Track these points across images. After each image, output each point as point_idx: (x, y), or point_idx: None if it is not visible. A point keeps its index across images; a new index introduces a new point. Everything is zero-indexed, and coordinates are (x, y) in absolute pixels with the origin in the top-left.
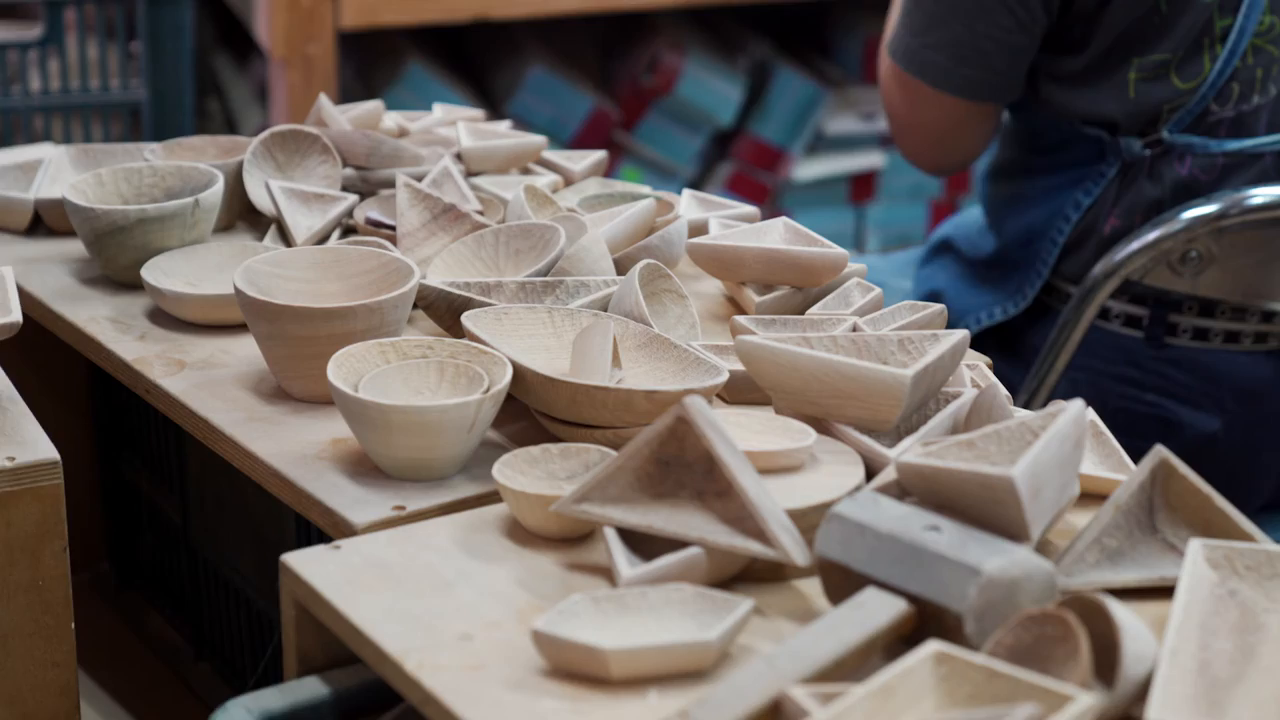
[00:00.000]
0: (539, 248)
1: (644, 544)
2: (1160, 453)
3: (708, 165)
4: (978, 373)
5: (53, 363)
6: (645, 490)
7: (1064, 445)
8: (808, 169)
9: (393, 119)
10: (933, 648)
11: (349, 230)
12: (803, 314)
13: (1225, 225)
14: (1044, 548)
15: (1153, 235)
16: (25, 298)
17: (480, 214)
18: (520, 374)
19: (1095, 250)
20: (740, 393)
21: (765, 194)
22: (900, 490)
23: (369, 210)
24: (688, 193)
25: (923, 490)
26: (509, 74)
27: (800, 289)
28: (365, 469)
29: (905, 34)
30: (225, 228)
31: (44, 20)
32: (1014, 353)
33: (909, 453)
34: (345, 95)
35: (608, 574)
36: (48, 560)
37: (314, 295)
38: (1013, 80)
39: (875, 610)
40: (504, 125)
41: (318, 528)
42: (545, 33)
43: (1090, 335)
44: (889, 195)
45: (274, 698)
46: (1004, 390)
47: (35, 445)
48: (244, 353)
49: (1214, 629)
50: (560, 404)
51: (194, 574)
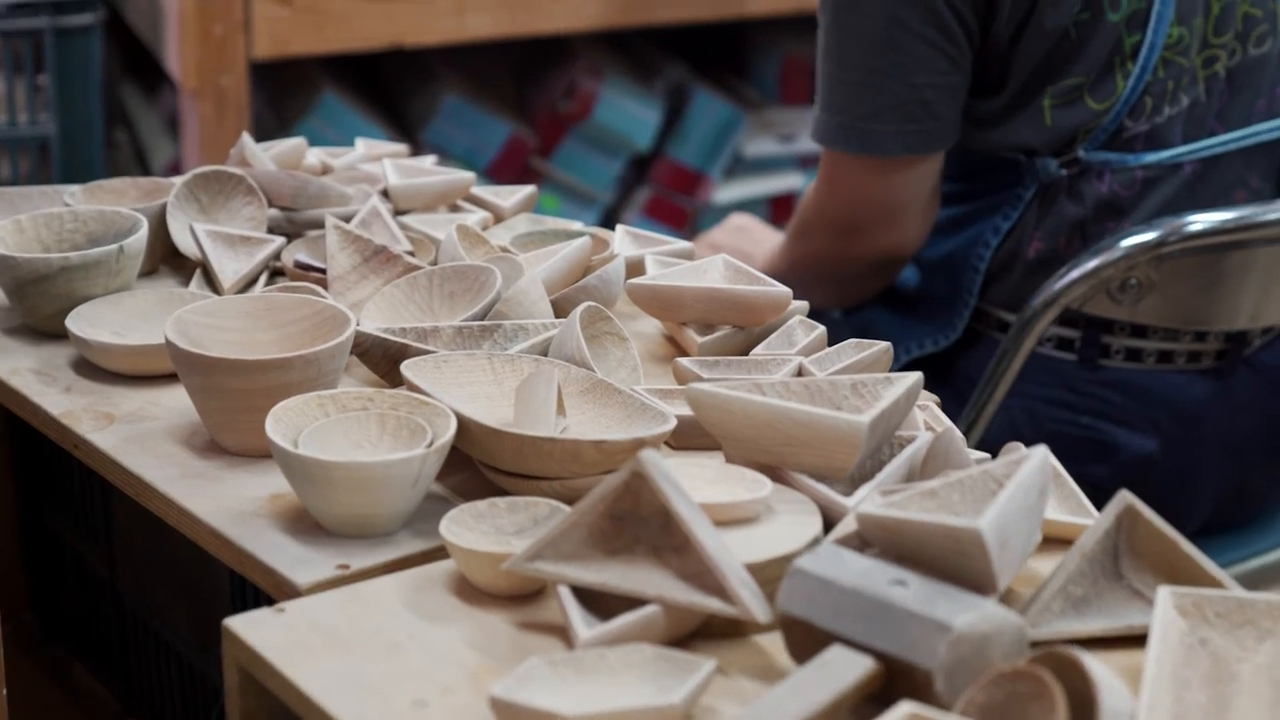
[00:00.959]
0: (474, 290)
1: (599, 600)
2: (1125, 498)
3: (626, 190)
4: (929, 414)
5: None
6: (599, 546)
7: (1029, 494)
8: (727, 192)
9: (315, 156)
10: (906, 709)
11: (276, 273)
12: (746, 354)
13: (1164, 253)
14: (1008, 596)
15: (1092, 264)
16: None
17: (411, 255)
18: (464, 425)
19: (1022, 275)
20: (687, 438)
21: (684, 218)
22: (861, 542)
23: (297, 253)
24: (621, 228)
25: (885, 542)
26: (424, 102)
27: (742, 328)
28: (306, 526)
29: (836, 118)
30: (149, 272)
31: None
32: (946, 381)
33: (868, 502)
34: (258, 126)
35: (562, 633)
36: None
37: (247, 345)
38: (956, 121)
39: (842, 669)
40: (429, 160)
41: (253, 583)
42: (460, 60)
43: None
44: None
45: None
46: (959, 433)
47: None
48: (175, 404)
49: (1187, 680)
50: (505, 456)
51: (122, 627)
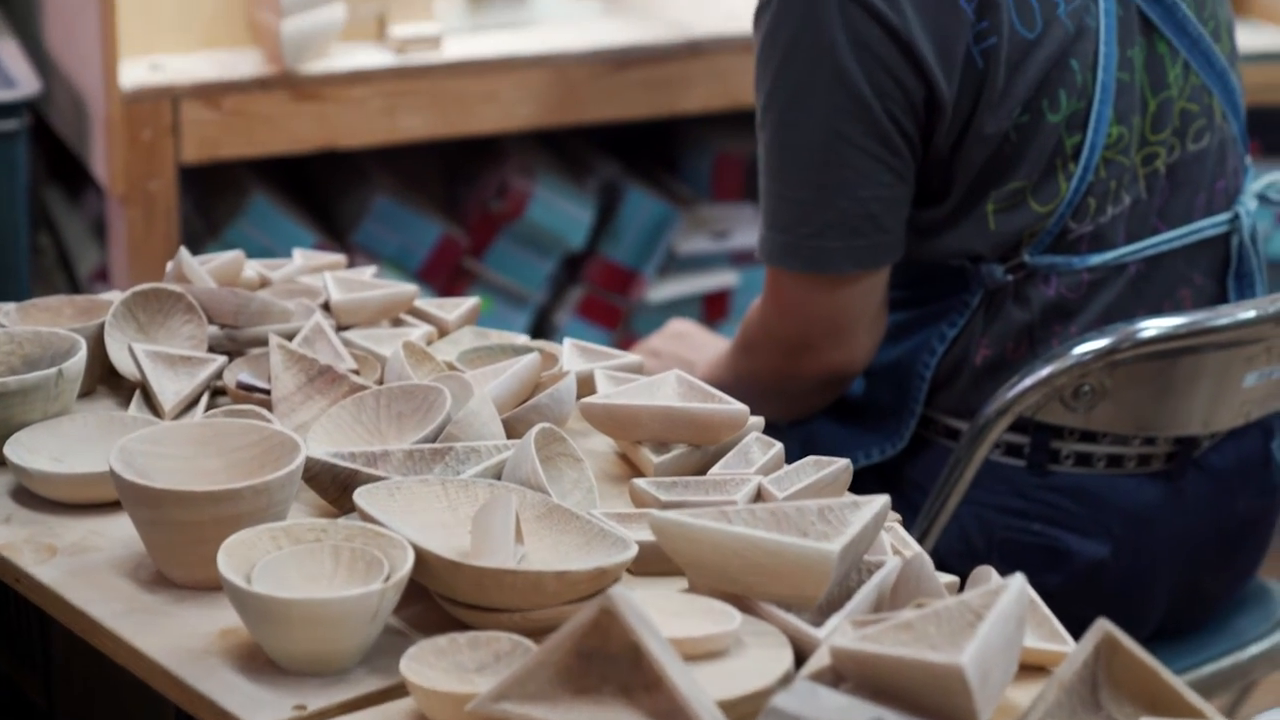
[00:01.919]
0: (423, 410)
1: None
2: (1104, 627)
3: (559, 289)
4: (894, 535)
5: None
6: (567, 686)
7: (1008, 626)
8: (660, 290)
9: (253, 268)
10: None
11: (218, 392)
12: (703, 473)
13: (1118, 359)
14: None
15: (1045, 371)
16: None
17: (356, 373)
18: (421, 557)
19: (969, 381)
20: (648, 564)
21: (618, 316)
22: (835, 676)
23: (240, 373)
24: (569, 342)
25: (861, 676)
26: (354, 202)
27: (698, 446)
28: (259, 663)
29: (782, 236)
30: (86, 393)
31: None
32: (893, 489)
33: (840, 634)
34: (187, 230)
35: None
36: None
37: (192, 473)
38: (903, 233)
39: None
40: (369, 272)
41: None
42: (390, 159)
43: None
44: (742, 314)
45: None
46: (928, 558)
47: None
48: (119, 534)
49: None
50: (465, 588)
51: None
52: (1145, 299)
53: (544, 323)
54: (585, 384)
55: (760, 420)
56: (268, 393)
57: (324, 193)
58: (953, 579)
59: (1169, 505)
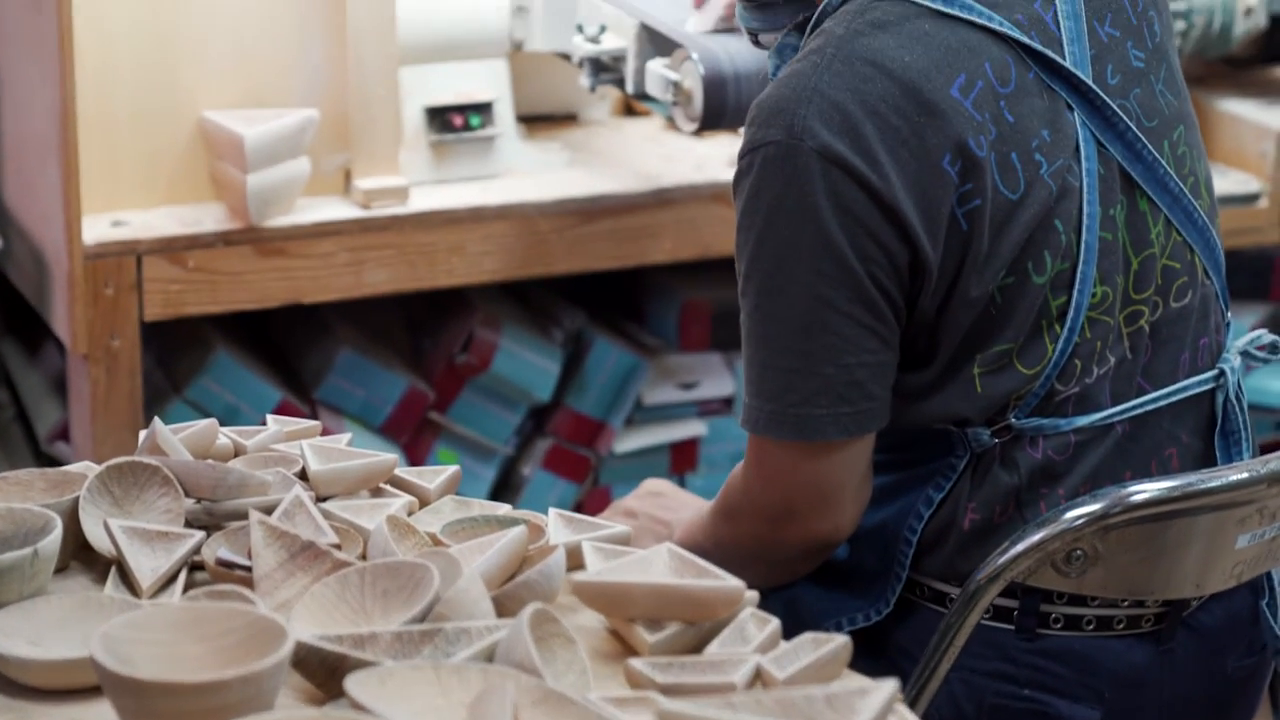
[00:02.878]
0: (409, 588)
1: None
2: None
3: (525, 441)
4: (897, 715)
5: None
6: None
7: None
8: (628, 441)
9: (227, 436)
10: None
11: (196, 567)
12: (699, 651)
13: (1110, 523)
14: None
15: (1036, 536)
16: None
17: (338, 548)
18: None
19: (957, 546)
20: None
21: (586, 468)
22: None
23: (219, 548)
24: (554, 512)
25: None
26: (318, 356)
27: (693, 623)
28: None
29: (768, 405)
30: (60, 569)
31: None
32: (878, 655)
33: None
34: (149, 387)
35: None
36: None
37: (175, 659)
38: (889, 399)
39: None
40: (344, 440)
41: None
42: (354, 312)
43: None
44: (710, 464)
45: None
46: None
47: None
48: None
49: None
50: None
51: None
52: (1132, 459)
53: (511, 475)
54: (572, 555)
55: (755, 595)
56: (248, 569)
57: (287, 345)
58: None
59: (1159, 666)
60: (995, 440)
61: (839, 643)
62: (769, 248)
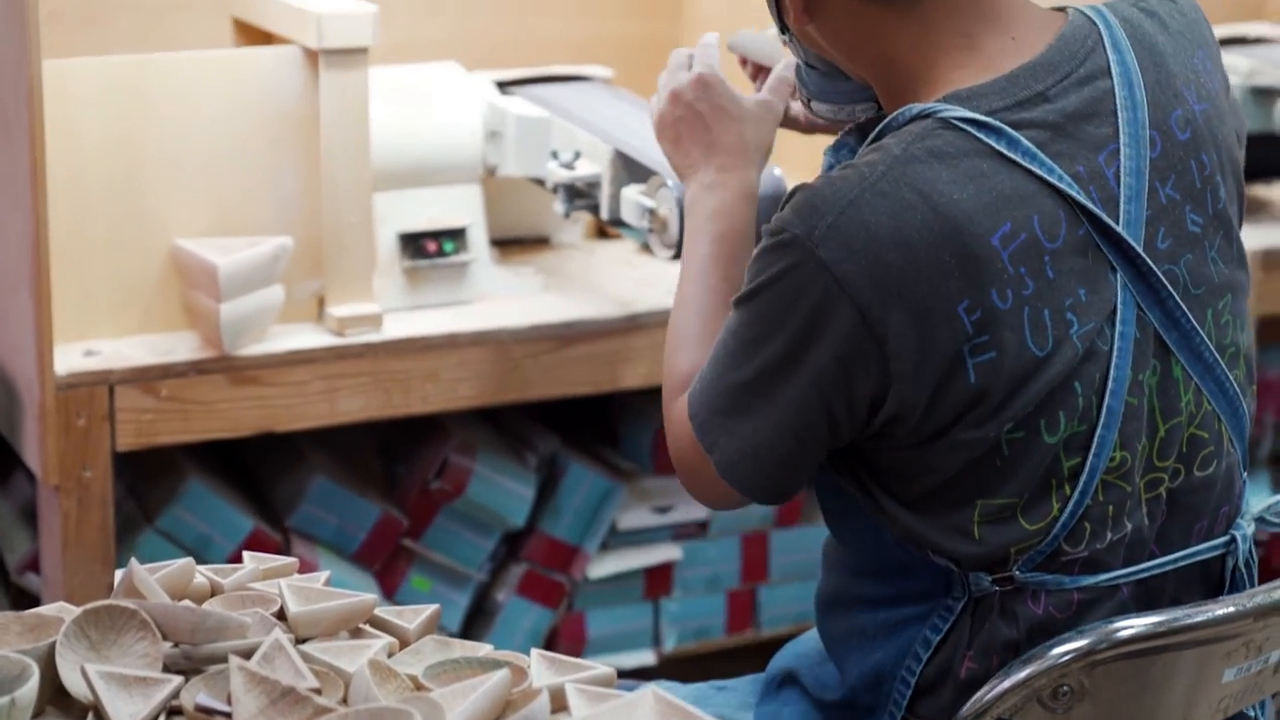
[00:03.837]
0: None
1: None
2: None
3: (499, 567)
4: None
5: None
6: None
7: None
8: (602, 566)
9: (204, 575)
10: None
11: (175, 712)
12: None
13: (1097, 659)
14: None
15: (1023, 673)
16: None
17: (318, 692)
18: None
19: (953, 693)
20: None
21: (560, 593)
22: None
23: (198, 693)
24: (536, 653)
25: None
26: (291, 484)
27: None
28: None
29: (705, 402)
30: (35, 715)
31: None
32: None
33: None
34: (120, 517)
35: None
36: None
37: None
38: (788, 485)
39: None
40: (322, 578)
41: None
42: (328, 439)
43: None
44: (684, 588)
45: None
46: None
47: None
48: None
49: None
50: None
51: None
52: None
53: (485, 601)
54: (557, 697)
55: None
56: (228, 715)
57: (260, 472)
58: None
59: None
60: (996, 588)
61: None
62: (756, 313)
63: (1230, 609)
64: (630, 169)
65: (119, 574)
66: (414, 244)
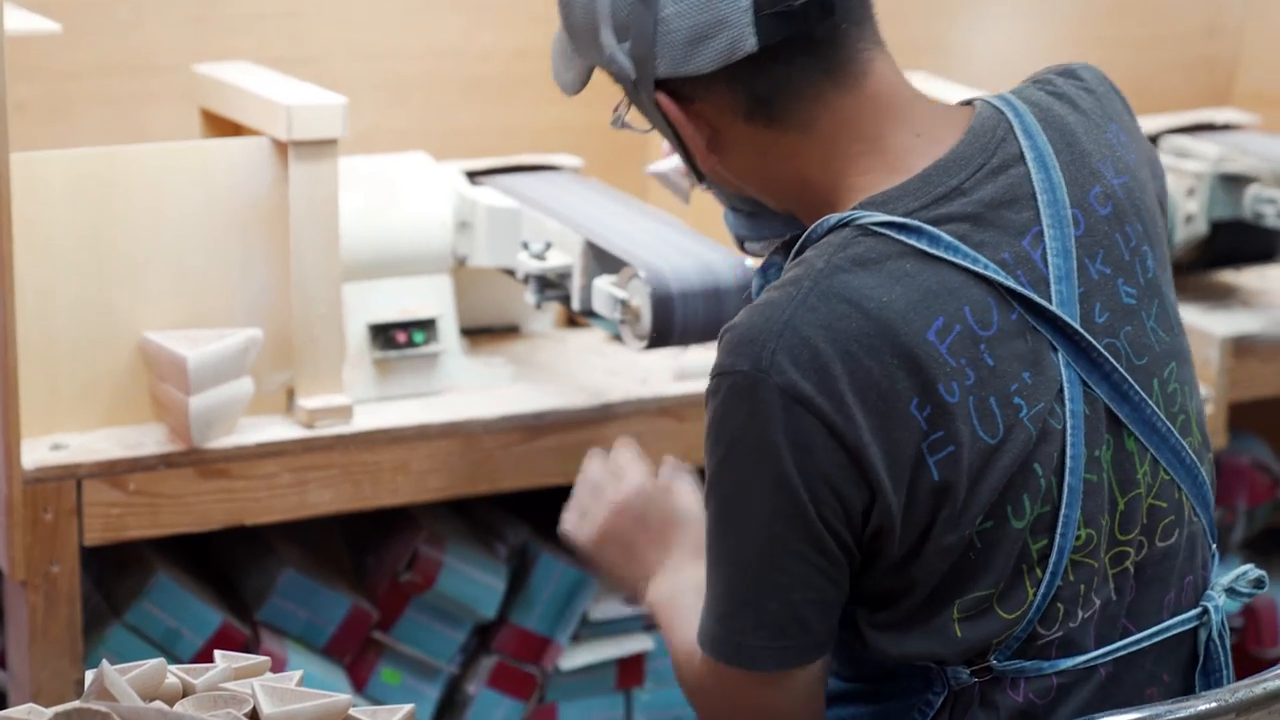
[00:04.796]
0: None
1: None
2: None
3: (470, 659)
4: None
5: None
6: None
7: None
8: (574, 657)
9: (175, 675)
10: None
11: None
12: None
13: None
14: None
15: None
16: None
17: None
18: None
19: None
20: None
21: (531, 685)
22: None
23: None
24: None
25: None
26: (260, 577)
27: None
28: None
29: (714, 624)
30: None
31: None
32: None
33: None
34: (87, 609)
35: None
36: None
37: None
38: (832, 630)
39: None
40: (295, 677)
41: None
42: (297, 531)
43: None
44: (657, 679)
45: None
46: None
47: None
48: None
49: None
50: None
51: None
52: (1115, 701)
53: (455, 694)
54: None
55: None
56: None
57: (228, 565)
58: None
59: None
60: (975, 680)
61: None
62: (729, 475)
63: (1213, 704)
64: (601, 259)
65: (89, 674)
66: (384, 335)
